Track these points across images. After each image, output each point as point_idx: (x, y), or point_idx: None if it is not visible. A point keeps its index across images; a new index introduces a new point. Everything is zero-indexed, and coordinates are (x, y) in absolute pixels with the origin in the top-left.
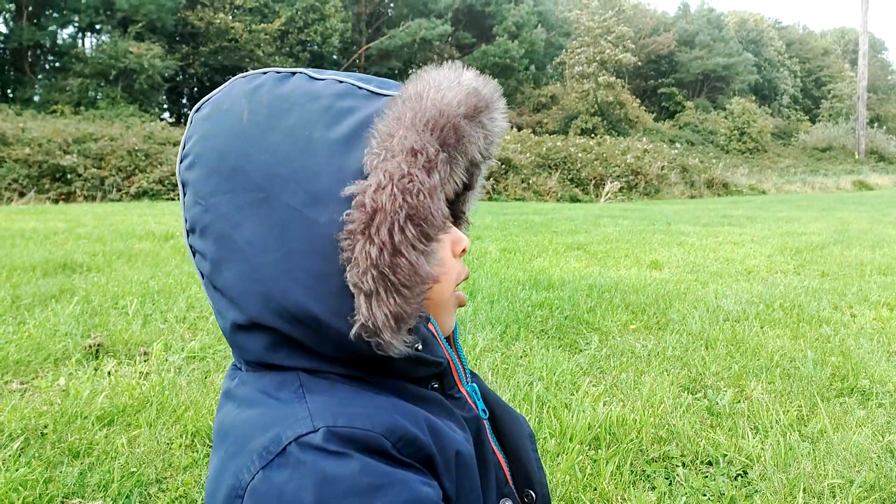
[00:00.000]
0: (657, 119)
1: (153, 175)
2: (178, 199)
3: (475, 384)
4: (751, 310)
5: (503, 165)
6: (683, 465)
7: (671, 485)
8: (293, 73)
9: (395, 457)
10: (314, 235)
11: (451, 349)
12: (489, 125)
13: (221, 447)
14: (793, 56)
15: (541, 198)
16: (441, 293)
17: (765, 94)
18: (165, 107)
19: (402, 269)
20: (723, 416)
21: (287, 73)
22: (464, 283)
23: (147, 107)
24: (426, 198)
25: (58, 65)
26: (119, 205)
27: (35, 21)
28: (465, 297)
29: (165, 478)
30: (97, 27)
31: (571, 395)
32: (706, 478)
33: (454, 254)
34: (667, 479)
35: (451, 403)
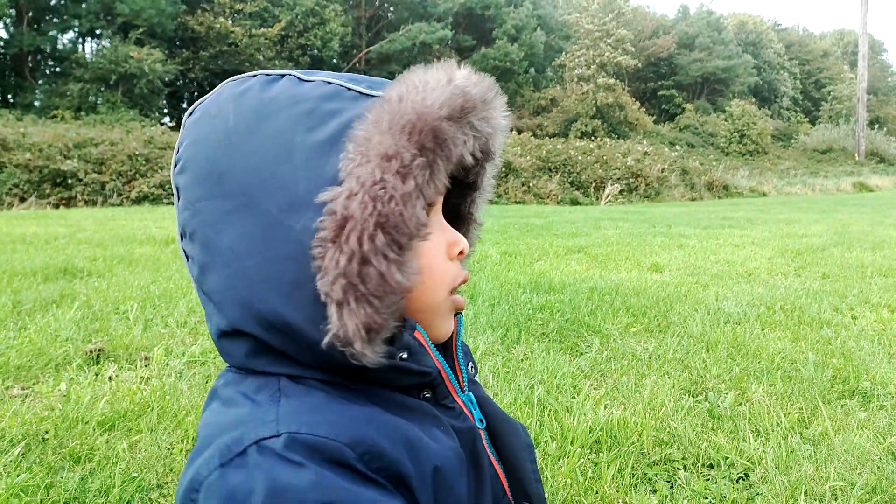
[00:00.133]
0: (657, 121)
1: (154, 179)
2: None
3: (472, 393)
4: (751, 312)
5: (503, 168)
6: (685, 469)
7: (672, 488)
8: (282, 76)
9: (358, 469)
10: (290, 242)
11: (452, 356)
12: (481, 125)
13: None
14: (792, 58)
15: (541, 201)
16: (432, 298)
17: (765, 97)
18: (166, 111)
19: (371, 279)
20: (724, 419)
21: (276, 76)
22: (464, 287)
23: (147, 111)
24: (398, 205)
25: (58, 70)
26: (120, 209)
27: (35, 26)
28: (464, 302)
29: (166, 483)
30: (97, 32)
31: (572, 399)
32: (708, 481)
33: (450, 256)
34: (668, 483)
35: (444, 413)
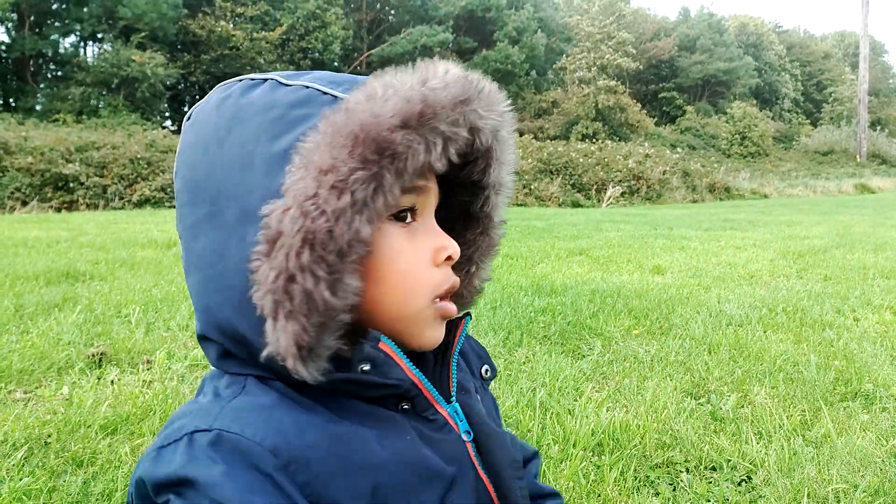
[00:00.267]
0: (658, 124)
1: (155, 183)
2: (183, 204)
3: (458, 404)
4: (753, 314)
5: None
6: (687, 471)
7: (675, 490)
8: (265, 80)
9: (273, 478)
10: (243, 253)
11: (446, 364)
12: (450, 129)
13: None
14: (793, 60)
15: (542, 203)
16: (410, 307)
17: (766, 98)
18: (167, 115)
19: (296, 297)
20: (726, 422)
21: (259, 81)
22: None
23: (149, 115)
24: (328, 221)
25: (60, 74)
26: (121, 213)
27: (37, 30)
28: (453, 309)
29: None
30: (99, 36)
31: (574, 401)
32: (710, 483)
33: (436, 263)
34: (671, 485)
35: (426, 426)
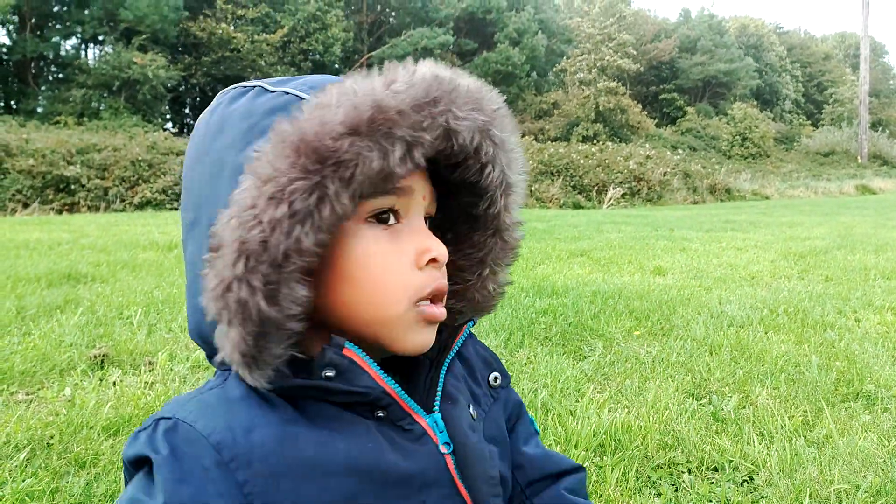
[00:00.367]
0: (659, 125)
1: (156, 185)
2: (181, 209)
3: (440, 414)
4: (755, 315)
5: None
6: (689, 472)
7: (677, 491)
8: (253, 87)
9: (210, 471)
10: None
11: (426, 372)
12: (412, 134)
13: None
14: (794, 61)
15: (543, 204)
16: (386, 311)
17: (766, 99)
18: (168, 117)
19: (231, 306)
20: (728, 422)
21: (249, 88)
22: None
23: (150, 117)
24: (263, 232)
25: (61, 76)
26: (123, 215)
27: (38, 33)
28: (439, 313)
29: None
30: (100, 38)
31: (576, 402)
32: (712, 484)
33: (418, 265)
34: (673, 486)
35: (401, 436)
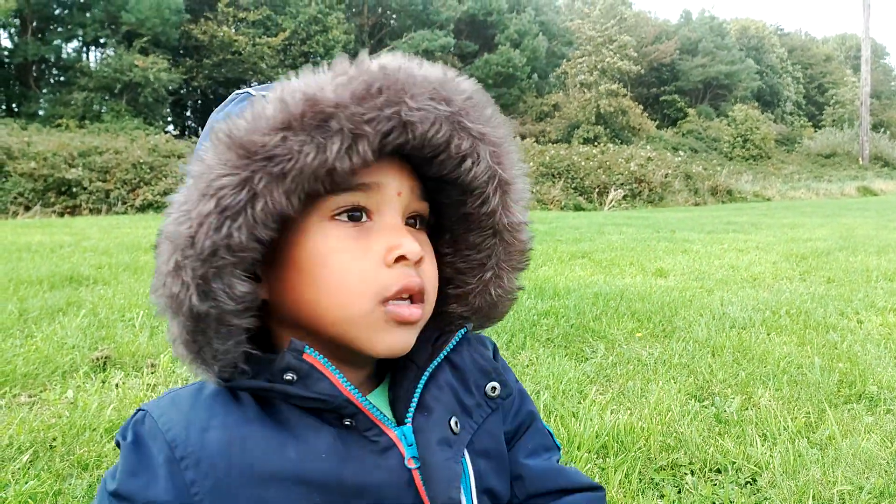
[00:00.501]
0: (660, 127)
1: (158, 188)
2: None
3: (410, 427)
4: (757, 317)
5: None
6: (692, 473)
7: (680, 493)
8: (243, 93)
9: (161, 467)
10: None
11: (410, 380)
12: (354, 128)
13: None
14: (795, 62)
15: (544, 206)
16: (349, 310)
17: (767, 101)
18: (170, 119)
19: (166, 301)
20: (731, 424)
21: (242, 95)
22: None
23: (151, 120)
24: (191, 227)
25: (62, 79)
26: (124, 217)
27: (40, 36)
28: (406, 314)
29: None
30: (102, 41)
31: (578, 404)
32: (715, 486)
33: (387, 263)
34: (676, 487)
35: (366, 446)
